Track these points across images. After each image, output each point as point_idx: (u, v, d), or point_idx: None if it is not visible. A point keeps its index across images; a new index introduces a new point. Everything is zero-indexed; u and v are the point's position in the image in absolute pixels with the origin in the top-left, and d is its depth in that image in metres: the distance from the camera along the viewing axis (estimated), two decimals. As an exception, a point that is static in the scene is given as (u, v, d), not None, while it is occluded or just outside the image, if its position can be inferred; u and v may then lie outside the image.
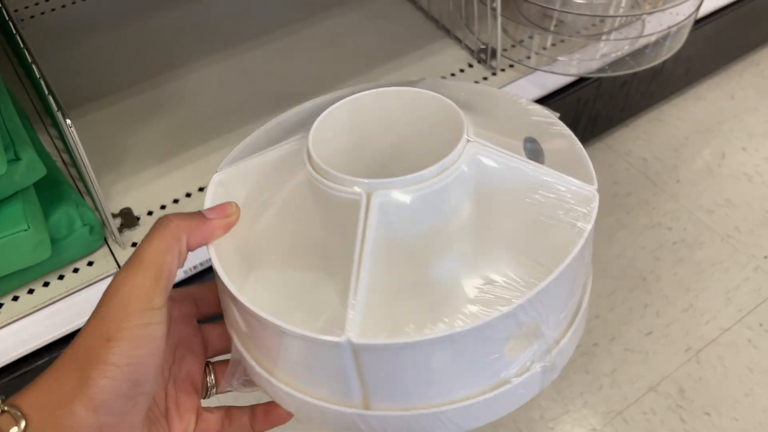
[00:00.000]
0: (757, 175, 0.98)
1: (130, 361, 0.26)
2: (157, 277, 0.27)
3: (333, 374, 0.28)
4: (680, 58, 0.97)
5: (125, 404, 0.26)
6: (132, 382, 0.26)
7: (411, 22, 0.87)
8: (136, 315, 0.26)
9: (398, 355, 0.27)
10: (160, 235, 0.28)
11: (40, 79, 0.55)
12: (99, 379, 0.25)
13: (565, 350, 0.31)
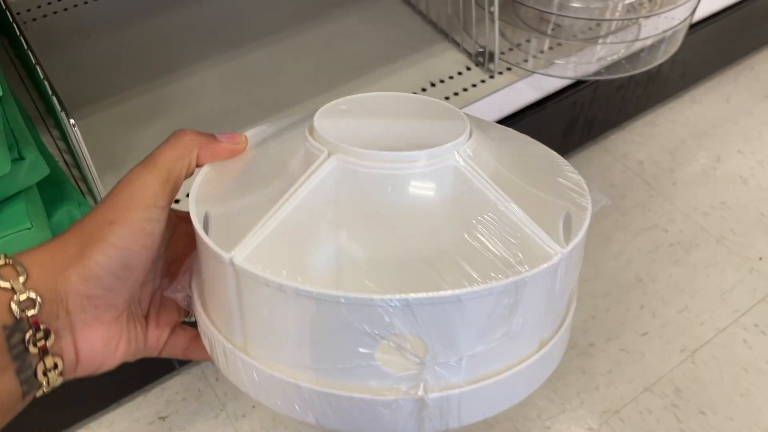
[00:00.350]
0: (752, 178, 0.99)
1: (126, 245, 0.28)
2: (166, 180, 0.30)
3: (224, 300, 0.29)
4: (676, 61, 0.98)
5: (113, 282, 0.29)
6: (124, 264, 0.29)
7: (409, 26, 0.88)
8: (141, 208, 0.29)
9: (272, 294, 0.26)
10: (175, 144, 0.31)
11: (44, 80, 0.55)
12: (96, 254, 0.28)
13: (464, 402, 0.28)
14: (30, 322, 0.27)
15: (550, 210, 0.30)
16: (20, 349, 0.27)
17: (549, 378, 0.80)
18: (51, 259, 0.28)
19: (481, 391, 0.28)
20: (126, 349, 0.31)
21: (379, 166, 0.29)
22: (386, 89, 0.79)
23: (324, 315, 0.26)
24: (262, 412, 0.75)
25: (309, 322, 0.27)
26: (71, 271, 0.28)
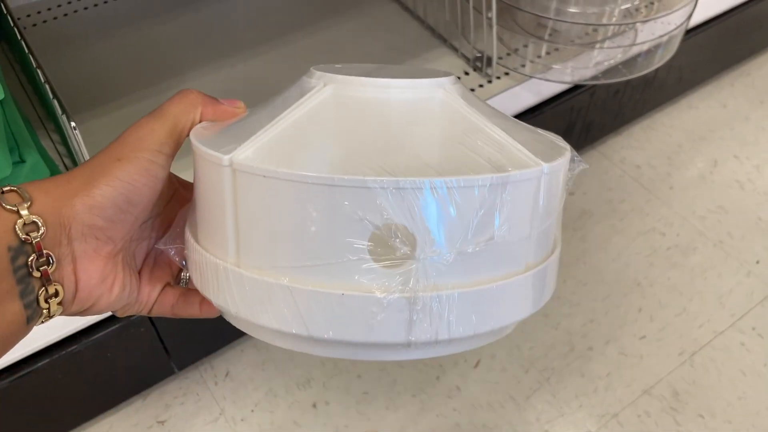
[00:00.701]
0: (749, 183, 0.99)
1: (131, 181, 0.30)
2: (172, 130, 0.32)
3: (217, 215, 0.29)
4: (672, 67, 0.99)
5: (115, 214, 0.30)
6: (127, 198, 0.30)
7: (408, 32, 0.88)
8: (147, 151, 0.31)
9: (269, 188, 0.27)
10: (181, 99, 0.33)
11: (46, 84, 0.56)
12: (102, 185, 0.30)
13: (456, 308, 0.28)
14: (34, 245, 0.28)
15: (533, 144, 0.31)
16: (24, 273, 0.28)
17: (548, 381, 0.79)
18: (56, 188, 0.29)
19: (470, 298, 0.28)
20: (120, 293, 0.32)
21: (373, 91, 0.30)
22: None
23: (317, 201, 0.27)
24: (261, 416, 0.75)
25: (303, 211, 0.27)
26: (76, 200, 0.29)
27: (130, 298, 0.33)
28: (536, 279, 0.31)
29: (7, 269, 0.28)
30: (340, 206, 0.26)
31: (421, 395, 0.77)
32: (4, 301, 0.28)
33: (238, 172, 0.28)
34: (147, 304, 0.35)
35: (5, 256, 0.27)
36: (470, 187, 0.27)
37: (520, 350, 0.81)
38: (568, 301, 0.85)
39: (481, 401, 0.77)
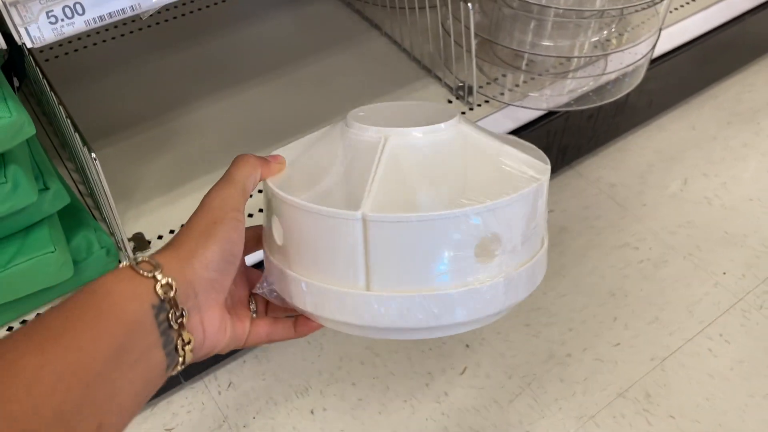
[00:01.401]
0: (717, 199, 1.06)
1: (229, 238, 0.37)
2: (242, 192, 0.39)
3: (343, 256, 0.37)
4: (642, 92, 1.06)
5: (224, 266, 0.37)
6: (230, 252, 0.37)
7: (396, 63, 0.95)
8: (232, 211, 0.38)
9: (398, 230, 0.36)
10: (244, 165, 0.40)
11: (68, 119, 0.62)
12: (211, 245, 0.36)
13: (525, 278, 0.40)
14: (171, 302, 0.34)
15: (533, 157, 0.43)
16: (165, 326, 0.34)
17: (530, 386, 0.86)
18: (175, 255, 0.36)
19: (529, 270, 0.40)
20: (229, 335, 0.39)
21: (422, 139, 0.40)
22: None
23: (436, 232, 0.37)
24: (262, 423, 0.81)
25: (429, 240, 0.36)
26: (194, 261, 0.36)
27: (232, 337, 0.40)
28: (543, 256, 0.42)
29: (152, 324, 0.33)
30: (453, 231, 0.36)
31: (412, 400, 0.83)
32: (151, 351, 0.33)
33: (370, 222, 0.36)
34: (242, 339, 0.41)
35: (150, 313, 0.33)
36: (526, 196, 0.38)
37: (503, 357, 0.87)
38: (547, 312, 0.91)
39: (468, 406, 0.82)
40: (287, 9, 1.04)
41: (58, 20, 0.46)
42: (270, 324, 0.43)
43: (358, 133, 0.41)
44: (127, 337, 0.32)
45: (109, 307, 0.32)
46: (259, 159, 0.41)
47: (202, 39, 0.98)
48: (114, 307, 0.32)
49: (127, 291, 0.33)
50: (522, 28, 0.89)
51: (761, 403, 0.82)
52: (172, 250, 0.36)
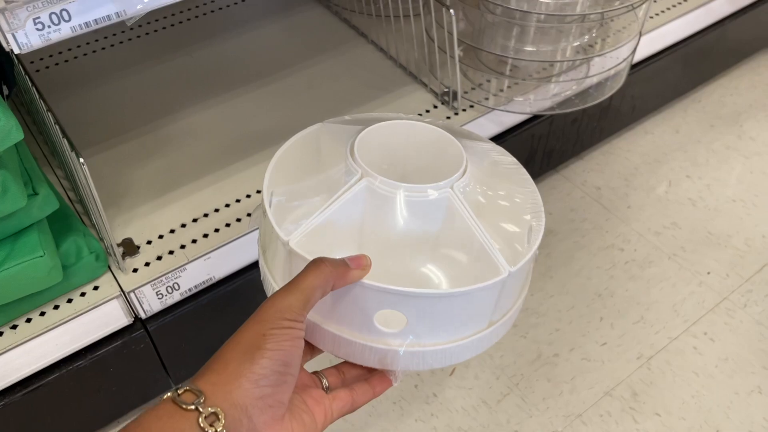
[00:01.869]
0: (700, 200, 1.08)
1: (281, 348, 0.35)
2: (305, 303, 0.37)
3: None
4: (626, 96, 1.08)
5: (278, 379, 0.35)
6: (283, 362, 0.35)
7: (382, 69, 0.97)
8: (287, 321, 0.36)
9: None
10: (317, 274, 0.38)
11: (56, 125, 0.63)
12: (260, 359, 0.34)
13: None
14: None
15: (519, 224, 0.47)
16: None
17: (518, 386, 0.87)
18: (219, 377, 0.33)
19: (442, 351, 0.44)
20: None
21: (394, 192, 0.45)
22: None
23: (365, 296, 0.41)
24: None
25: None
26: (242, 380, 0.33)
27: (312, 427, 0.38)
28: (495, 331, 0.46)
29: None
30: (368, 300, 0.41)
31: (401, 402, 0.83)
32: None
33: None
34: (326, 420, 0.39)
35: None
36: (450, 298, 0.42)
37: (491, 358, 0.87)
38: (535, 312, 0.92)
39: (456, 406, 0.83)
40: (276, 18, 1.06)
41: (45, 26, 0.47)
42: (348, 392, 0.41)
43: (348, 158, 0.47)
44: None
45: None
46: (337, 268, 0.38)
47: (192, 48, 1.00)
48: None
49: (167, 428, 0.31)
50: (505, 34, 0.91)
51: (746, 400, 0.83)
52: (216, 370, 0.34)
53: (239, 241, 0.74)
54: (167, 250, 0.73)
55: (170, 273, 0.71)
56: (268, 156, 0.84)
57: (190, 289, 0.73)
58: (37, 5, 0.46)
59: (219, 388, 0.33)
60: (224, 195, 0.78)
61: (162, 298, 0.71)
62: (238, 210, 0.76)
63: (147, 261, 0.72)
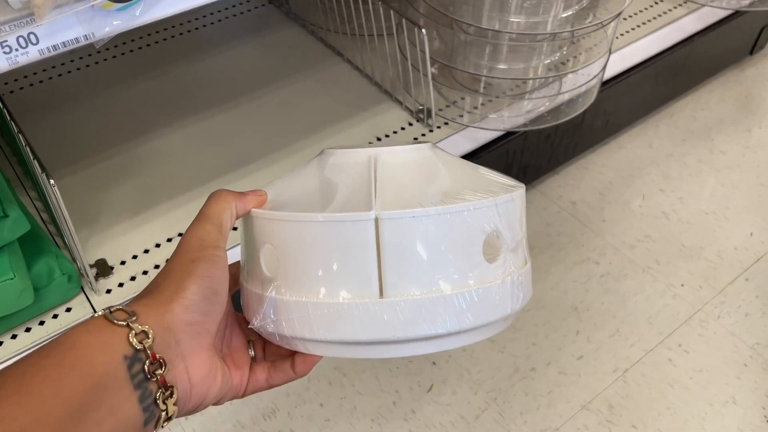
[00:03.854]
0: (674, 213, 1.09)
1: (209, 274, 0.35)
2: (219, 228, 0.37)
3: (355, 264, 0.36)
4: (599, 112, 1.10)
5: (207, 306, 0.35)
6: (211, 290, 0.35)
7: (357, 88, 0.98)
8: (210, 248, 0.36)
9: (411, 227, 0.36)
10: (218, 200, 0.38)
11: (27, 146, 0.62)
12: (190, 285, 0.34)
13: (525, 282, 0.40)
14: (147, 351, 0.32)
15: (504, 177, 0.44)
16: (140, 378, 0.31)
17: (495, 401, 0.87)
18: (153, 300, 0.34)
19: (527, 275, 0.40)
20: (221, 382, 0.36)
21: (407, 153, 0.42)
22: (338, 144, 0.88)
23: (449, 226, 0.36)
24: (230, 447, 0.80)
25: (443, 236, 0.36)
26: (174, 304, 0.34)
27: (227, 386, 0.37)
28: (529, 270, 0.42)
29: (124, 377, 0.31)
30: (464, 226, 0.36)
31: (380, 419, 0.83)
32: (122, 406, 0.31)
33: (382, 221, 0.35)
34: (241, 387, 0.39)
35: (122, 365, 0.31)
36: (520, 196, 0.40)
37: (469, 374, 0.88)
38: (512, 327, 0.93)
39: (435, 422, 0.83)
40: (251, 37, 1.06)
41: (12, 50, 0.48)
42: (269, 368, 0.40)
43: (344, 157, 0.41)
44: (92, 392, 0.30)
45: (72, 361, 0.30)
46: (235, 193, 0.39)
47: (166, 69, 1.00)
48: (78, 361, 0.30)
49: (96, 342, 0.31)
50: (478, 53, 0.92)
51: (720, 411, 0.84)
52: (150, 295, 0.34)
53: (214, 260, 0.73)
54: (141, 271, 0.72)
55: (144, 293, 0.70)
56: (242, 175, 0.85)
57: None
58: (4, 28, 0.46)
59: (151, 310, 0.33)
60: (199, 214, 0.78)
61: (136, 318, 0.71)
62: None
63: (120, 282, 0.71)
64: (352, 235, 0.36)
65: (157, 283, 0.35)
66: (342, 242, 0.36)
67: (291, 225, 0.37)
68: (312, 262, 0.37)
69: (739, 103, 1.31)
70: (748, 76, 1.36)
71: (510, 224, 0.38)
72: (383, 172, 0.39)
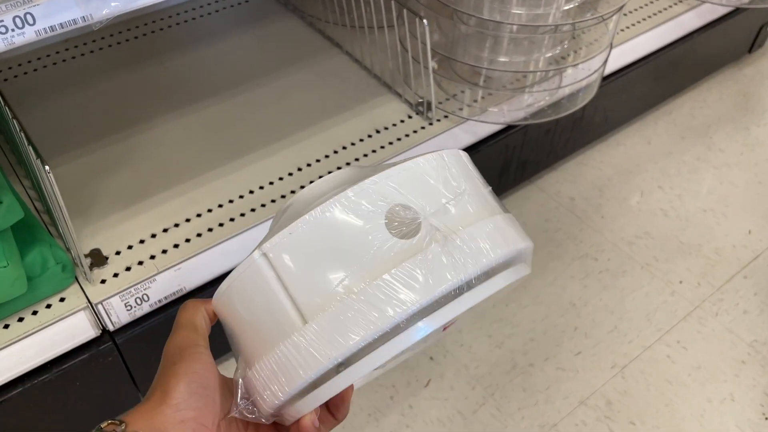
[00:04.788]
0: (672, 210, 1.09)
1: (192, 371, 0.36)
2: (195, 330, 0.39)
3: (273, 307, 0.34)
4: (598, 108, 1.09)
5: (197, 402, 0.36)
6: (198, 384, 0.36)
7: (356, 80, 0.97)
8: (190, 347, 0.37)
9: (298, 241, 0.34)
10: (186, 308, 0.40)
11: (21, 132, 0.61)
12: (176, 385, 0.35)
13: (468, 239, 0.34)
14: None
15: None
16: None
17: (493, 396, 0.86)
18: (141, 407, 0.35)
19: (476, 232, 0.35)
20: None
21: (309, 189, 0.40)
22: (336, 137, 0.87)
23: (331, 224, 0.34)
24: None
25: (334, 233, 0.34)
26: (163, 407, 0.34)
27: None
28: (510, 221, 0.38)
29: None
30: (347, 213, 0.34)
31: (376, 414, 0.82)
32: None
33: (270, 254, 0.35)
34: None
35: None
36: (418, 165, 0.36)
37: (467, 369, 0.87)
38: (510, 323, 0.92)
39: (432, 417, 0.82)
40: (249, 28, 1.05)
41: (9, 30, 0.46)
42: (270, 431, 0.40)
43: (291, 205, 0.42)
44: None
45: None
46: (201, 300, 0.41)
47: (163, 58, 0.99)
48: None
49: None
50: (479, 45, 0.91)
51: (718, 408, 0.84)
52: (141, 406, 0.35)
53: (211, 250, 0.73)
54: (136, 261, 0.71)
55: (139, 284, 0.69)
56: (239, 166, 0.83)
57: (159, 300, 0.71)
58: (1, 8, 0.45)
59: (141, 416, 0.34)
60: (195, 204, 0.77)
61: (131, 309, 0.70)
62: (209, 219, 0.75)
63: (115, 272, 0.70)
64: (257, 280, 0.35)
65: (148, 396, 0.36)
66: (256, 292, 0.35)
67: (219, 301, 0.38)
68: (243, 329, 0.37)
69: (737, 101, 1.30)
70: (747, 75, 1.36)
71: (421, 191, 0.35)
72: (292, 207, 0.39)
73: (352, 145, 0.86)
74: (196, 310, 0.40)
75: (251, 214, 0.77)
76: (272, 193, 0.79)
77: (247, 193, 0.79)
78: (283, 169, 0.82)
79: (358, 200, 0.34)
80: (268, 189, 0.80)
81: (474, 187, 0.38)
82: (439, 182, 0.36)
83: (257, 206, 0.78)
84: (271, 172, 0.82)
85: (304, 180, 0.81)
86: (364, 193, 0.34)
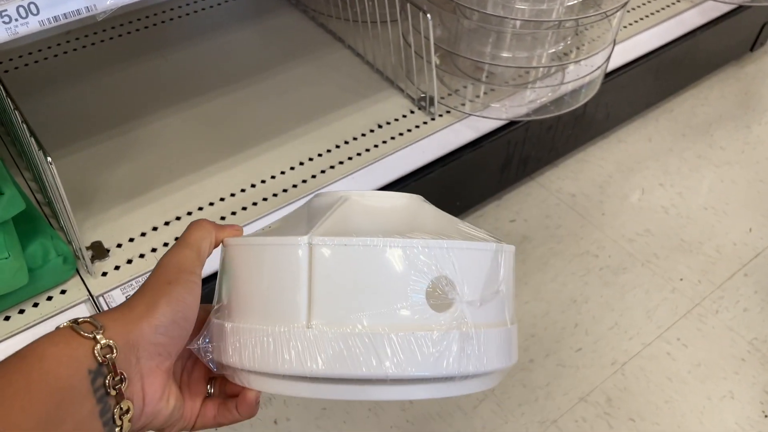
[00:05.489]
0: (673, 208, 1.09)
1: (182, 299, 0.35)
2: (198, 254, 0.38)
3: (285, 290, 0.34)
4: (600, 104, 1.09)
5: (174, 330, 0.35)
6: (182, 315, 0.35)
7: (359, 74, 0.96)
8: (187, 272, 0.36)
9: (344, 255, 0.33)
10: (198, 228, 0.39)
11: (23, 123, 0.61)
12: (163, 306, 0.34)
13: (488, 343, 0.35)
14: (110, 366, 0.31)
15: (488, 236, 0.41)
16: (102, 393, 0.31)
17: (493, 392, 0.87)
18: (122, 316, 0.34)
19: (495, 336, 0.36)
20: (173, 407, 0.36)
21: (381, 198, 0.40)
22: (338, 131, 0.87)
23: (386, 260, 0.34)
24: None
25: (377, 269, 0.34)
26: (143, 323, 0.34)
27: (178, 414, 0.37)
28: (513, 332, 0.38)
29: (88, 390, 0.31)
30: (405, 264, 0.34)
31: (376, 409, 0.82)
32: (87, 421, 0.31)
33: (315, 247, 0.34)
34: (191, 420, 0.38)
35: (86, 379, 0.31)
36: (486, 250, 0.36)
37: (467, 365, 0.87)
38: (510, 319, 0.92)
39: (432, 412, 0.82)
40: (251, 22, 1.05)
41: (12, 20, 0.46)
42: (218, 405, 0.40)
43: (322, 199, 0.40)
44: (58, 406, 0.29)
45: (39, 375, 0.29)
46: (214, 223, 0.40)
47: (165, 51, 0.98)
48: (46, 375, 0.30)
49: (62, 354, 0.30)
50: (482, 41, 0.91)
51: (718, 405, 0.84)
52: (122, 310, 0.34)
53: (212, 244, 0.72)
54: (138, 254, 0.71)
55: (140, 277, 0.69)
56: (240, 160, 0.83)
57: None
58: (4, -3, 0.44)
59: (119, 325, 0.33)
60: (197, 197, 0.77)
61: (132, 302, 0.70)
62: (211, 212, 0.75)
63: (117, 264, 0.70)
64: (283, 259, 0.35)
65: (131, 301, 0.35)
66: (273, 267, 0.35)
67: (238, 249, 0.38)
68: (247, 287, 0.37)
69: (738, 99, 1.30)
70: (748, 73, 1.36)
71: (472, 276, 0.35)
72: (344, 209, 0.38)
73: (354, 139, 0.86)
74: (206, 233, 0.39)
75: (253, 207, 0.76)
76: (274, 187, 0.79)
77: (249, 187, 0.79)
78: (285, 164, 0.82)
79: (420, 255, 0.34)
80: (270, 183, 0.80)
81: (507, 290, 0.38)
82: (487, 275, 0.37)
83: (259, 200, 0.77)
84: (272, 166, 0.82)
85: (305, 174, 0.81)
86: (430, 253, 0.34)
